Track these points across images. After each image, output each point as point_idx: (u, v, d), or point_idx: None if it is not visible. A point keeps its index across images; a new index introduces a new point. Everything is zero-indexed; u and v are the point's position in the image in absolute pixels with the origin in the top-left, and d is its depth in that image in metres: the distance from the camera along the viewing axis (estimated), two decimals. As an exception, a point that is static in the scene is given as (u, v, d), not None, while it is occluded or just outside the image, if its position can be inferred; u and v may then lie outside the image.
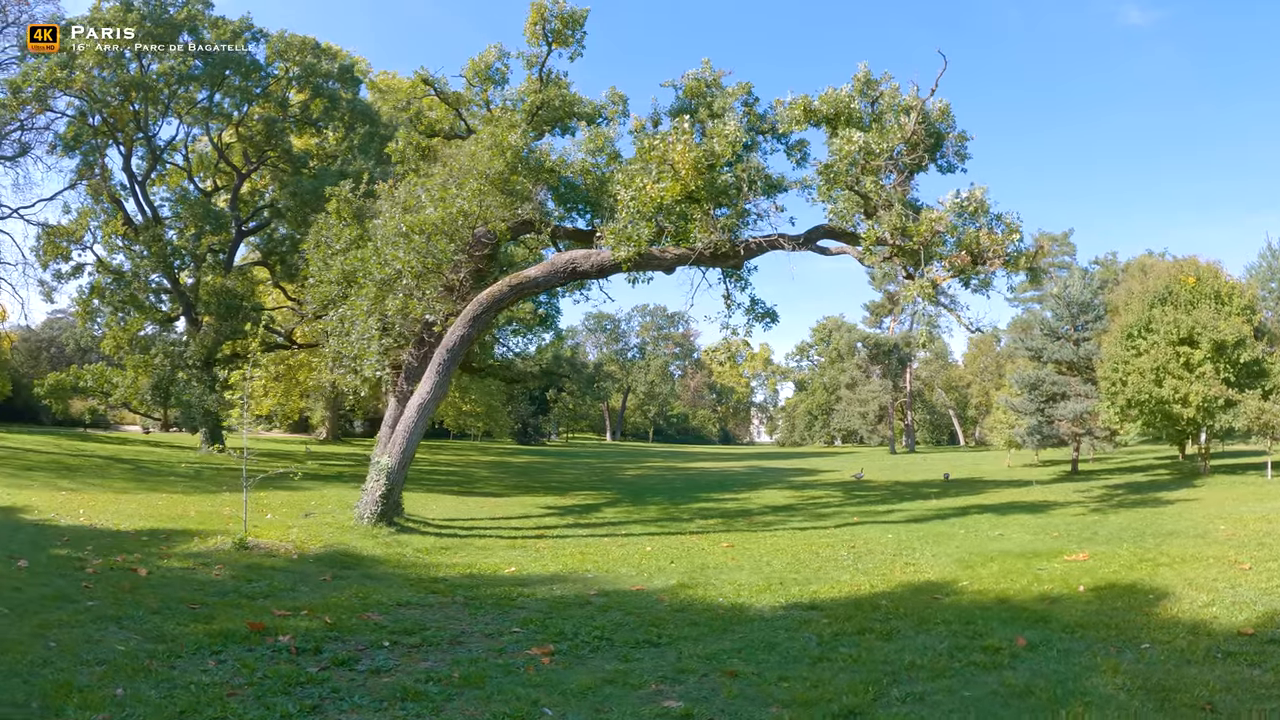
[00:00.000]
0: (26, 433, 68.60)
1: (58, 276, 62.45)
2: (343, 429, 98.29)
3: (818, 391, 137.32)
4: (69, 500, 28.67)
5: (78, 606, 13.03)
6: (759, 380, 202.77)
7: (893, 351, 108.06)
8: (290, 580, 17.26)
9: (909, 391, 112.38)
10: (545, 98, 36.36)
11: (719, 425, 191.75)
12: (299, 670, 10.59)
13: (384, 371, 29.98)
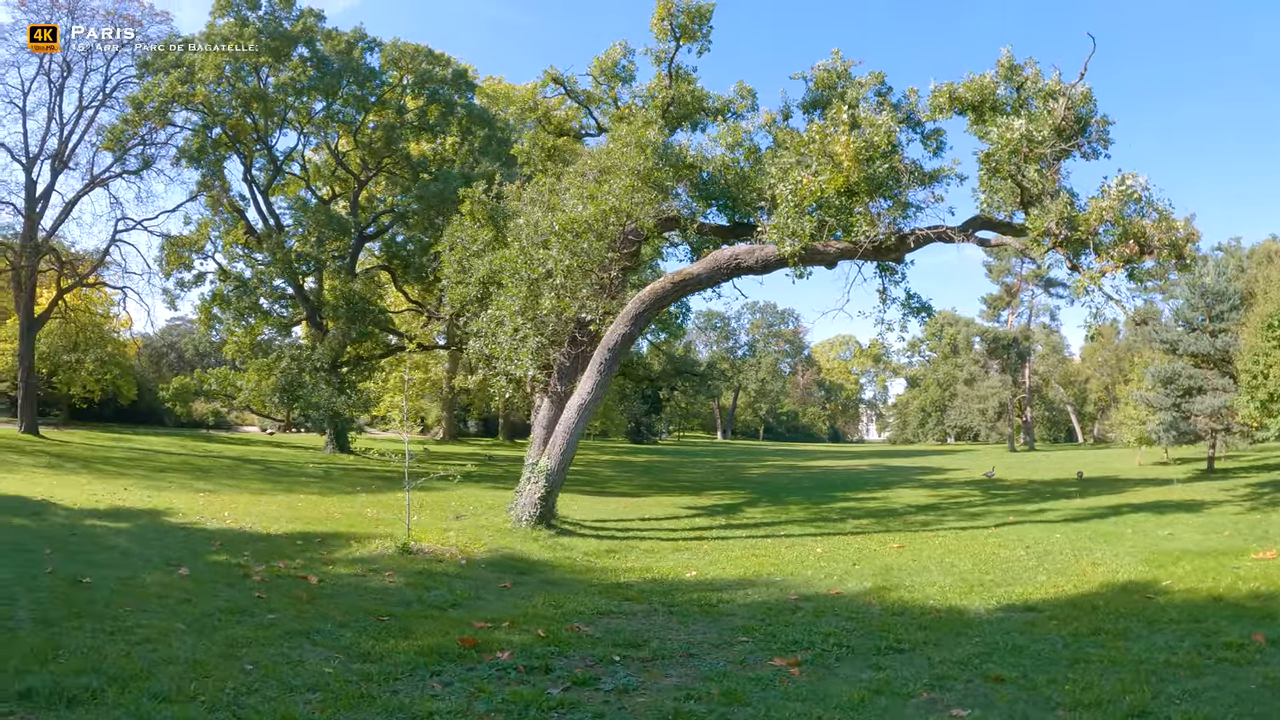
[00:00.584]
0: (152, 434, 69.28)
1: (180, 285, 63.22)
2: (458, 429, 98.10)
3: (931, 388, 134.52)
4: (209, 502, 28.48)
5: (258, 620, 12.52)
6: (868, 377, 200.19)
7: (1011, 346, 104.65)
8: (470, 588, 16.66)
9: (1028, 387, 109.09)
10: (676, 93, 35.27)
11: (828, 423, 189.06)
12: (540, 693, 9.83)
13: (535, 371, 28.88)
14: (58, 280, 63.56)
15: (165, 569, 15.75)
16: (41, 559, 15.75)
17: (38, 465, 38.07)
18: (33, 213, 59.01)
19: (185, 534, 21.12)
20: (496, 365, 29.73)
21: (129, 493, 29.64)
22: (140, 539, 19.67)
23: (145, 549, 18.22)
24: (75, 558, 16.25)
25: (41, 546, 17.05)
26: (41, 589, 13.21)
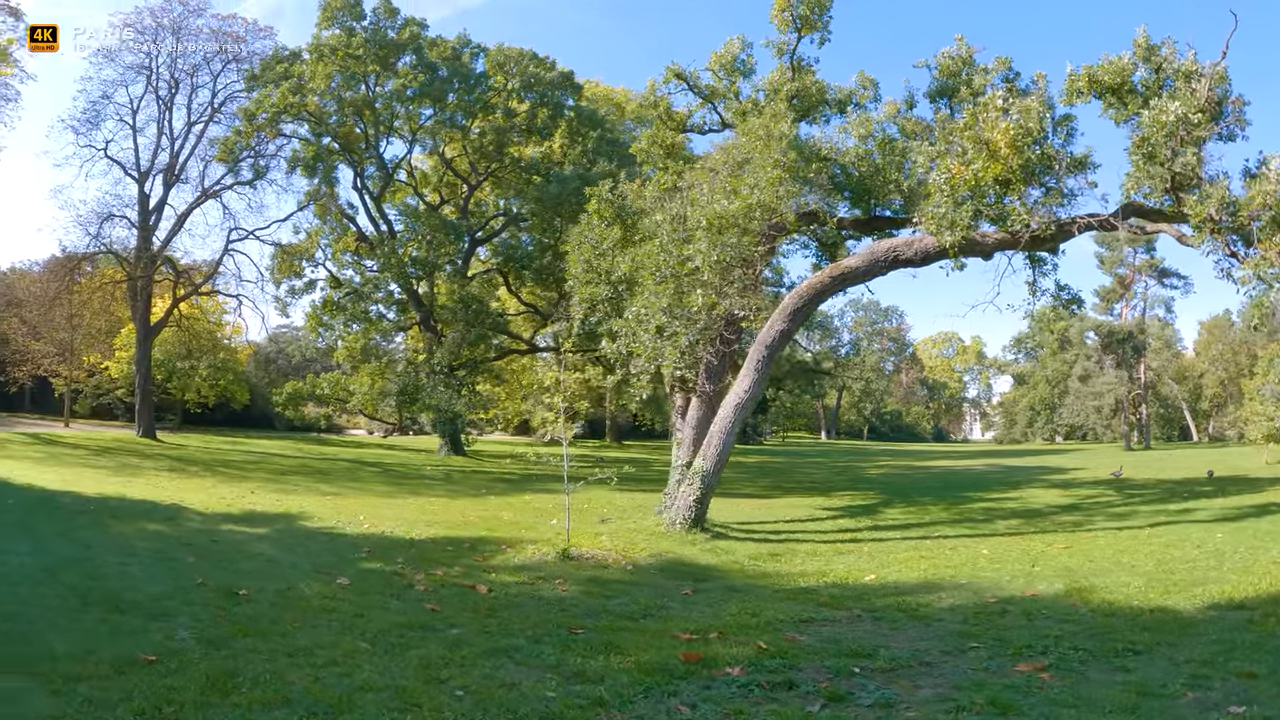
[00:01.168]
0: (265, 438, 69.78)
1: (291, 292, 63.53)
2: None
3: (1040, 385, 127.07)
4: (339, 505, 27.76)
5: (444, 636, 11.54)
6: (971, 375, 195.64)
7: (1126, 340, 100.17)
8: (652, 596, 15.47)
9: (1143, 383, 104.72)
10: (802, 85, 33.75)
11: (932, 422, 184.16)
12: (801, 711, 8.86)
13: (684, 369, 27.51)
14: (174, 289, 64.03)
15: (321, 578, 15.12)
16: (188, 568, 15.09)
17: (160, 469, 37.50)
18: (146, 225, 59.45)
19: (328, 539, 20.42)
20: (637, 364, 28.22)
21: (256, 496, 29.11)
22: (283, 545, 18.98)
23: (291, 556, 17.55)
24: (222, 566, 15.59)
25: (184, 554, 16.44)
26: (197, 603, 12.39)
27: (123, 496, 25.73)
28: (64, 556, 15.14)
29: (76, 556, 15.26)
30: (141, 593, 12.70)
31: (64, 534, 18.01)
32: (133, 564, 15.07)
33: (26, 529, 18.35)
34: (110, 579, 13.62)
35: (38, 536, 17.33)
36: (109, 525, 20.01)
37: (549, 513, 27.72)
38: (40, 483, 27.69)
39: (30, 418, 72.65)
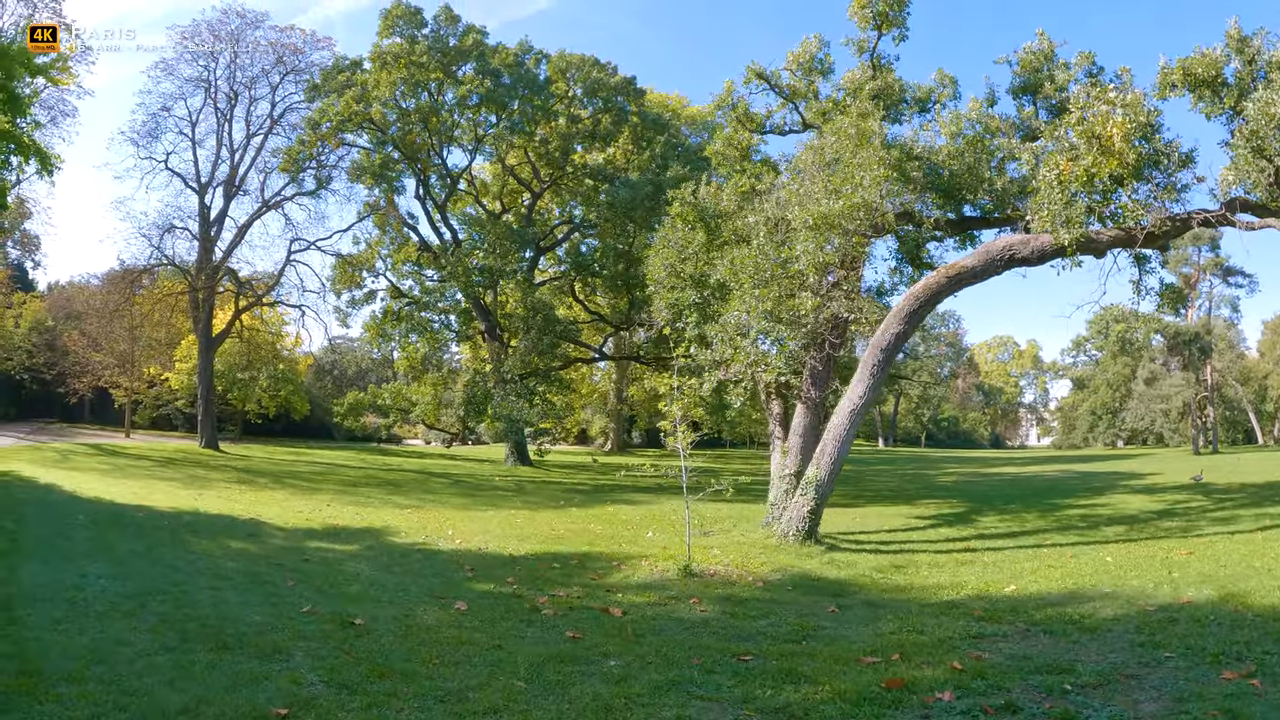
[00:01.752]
0: (325, 448, 69.18)
1: (351, 303, 62.15)
2: (624, 441, 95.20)
3: (1101, 389, 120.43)
4: (422, 519, 26.58)
5: (601, 670, 10.10)
6: (1028, 379, 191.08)
7: (1193, 341, 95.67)
8: (797, 615, 13.94)
9: (1210, 385, 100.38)
10: (884, 83, 32.10)
11: (989, 428, 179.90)
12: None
13: (788, 375, 25.97)
14: (236, 300, 63.51)
15: (436, 603, 13.81)
16: (288, 593, 13.78)
17: (229, 481, 36.50)
18: (207, 237, 59.03)
19: (423, 557, 18.95)
20: (736, 371, 26.79)
21: (333, 509, 27.86)
22: (379, 564, 17.56)
23: (393, 577, 16.14)
24: (324, 590, 14.31)
25: (278, 576, 15.25)
26: (310, 635, 10.98)
27: (197, 511, 24.49)
28: (149, 581, 13.77)
29: (163, 580, 13.88)
30: (244, 624, 11.27)
31: (144, 554, 16.61)
32: (226, 589, 13.77)
33: (104, 548, 16.93)
34: (205, 607, 12.22)
35: (117, 557, 15.93)
36: (190, 543, 18.56)
37: (638, 525, 26.86)
38: (110, 496, 26.50)
39: (90, 428, 72.29)
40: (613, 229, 53.83)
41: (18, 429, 62.81)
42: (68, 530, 18.96)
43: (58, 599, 11.91)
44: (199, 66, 58.10)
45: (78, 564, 14.70)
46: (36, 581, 13.01)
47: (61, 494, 26.73)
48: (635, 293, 51.32)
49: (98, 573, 13.91)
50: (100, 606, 11.62)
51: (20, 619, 10.72)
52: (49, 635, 10.12)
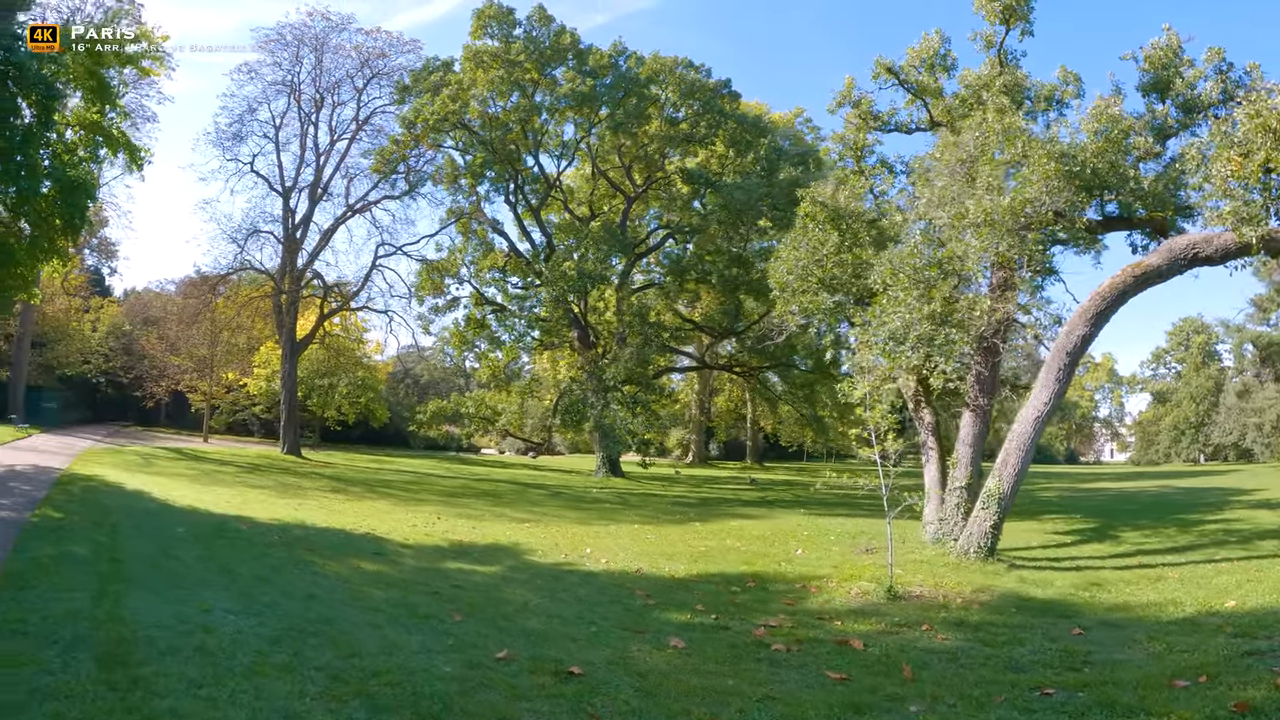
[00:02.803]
0: (405, 456, 67.68)
1: (435, 310, 60.49)
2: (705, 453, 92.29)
3: (1185, 403, 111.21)
4: (547, 535, 24.25)
5: (905, 717, 8.71)
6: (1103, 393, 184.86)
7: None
8: (1046, 639, 12.36)
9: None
10: (1013, 79, 30.30)
11: (1065, 443, 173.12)
12: None
13: (956, 382, 24.11)
14: (321, 305, 61.96)
15: (639, 639, 11.70)
16: (458, 629, 11.53)
17: (322, 489, 34.44)
18: (291, 240, 57.69)
19: (580, 581, 16.54)
20: (878, 375, 25.22)
21: (445, 522, 25.53)
22: (539, 590, 15.21)
23: (565, 606, 13.90)
24: (500, 626, 11.97)
25: (436, 607, 12.94)
26: (529, 692, 8.76)
27: (303, 523, 22.19)
28: (291, 617, 11.15)
29: (308, 616, 11.26)
30: (437, 679, 8.82)
31: (270, 579, 14.00)
32: (386, 625, 11.23)
33: (220, 571, 14.34)
34: (375, 654, 9.59)
35: (240, 584, 13.36)
36: (314, 563, 15.99)
37: (773, 540, 24.48)
38: (204, 505, 24.34)
39: (166, 432, 72.17)
40: (723, 231, 51.04)
41: (94, 432, 61.68)
42: (171, 546, 16.39)
43: (185, 646, 9.19)
44: (282, 70, 56.86)
45: (196, 593, 12.17)
46: (153, 619, 10.27)
47: (153, 502, 24.46)
48: (745, 297, 48.72)
49: (224, 606, 11.36)
50: (244, 657, 8.95)
51: (145, 680, 7.94)
52: (191, 706, 7.37)
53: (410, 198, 58.57)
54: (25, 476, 27.88)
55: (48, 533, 16.44)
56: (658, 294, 57.26)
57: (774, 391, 60.24)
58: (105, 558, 14.38)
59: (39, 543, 15.13)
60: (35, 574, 12.33)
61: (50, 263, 32.65)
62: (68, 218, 28.14)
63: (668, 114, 52.61)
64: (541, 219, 57.31)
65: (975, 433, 25.32)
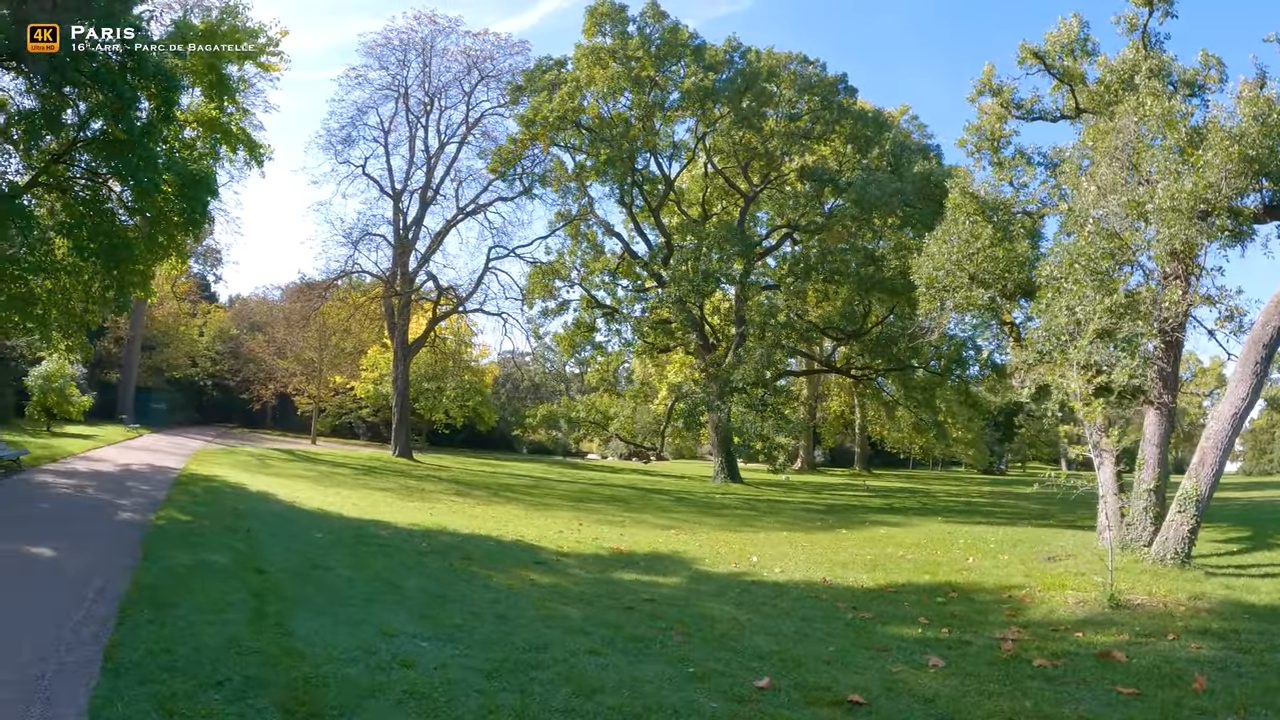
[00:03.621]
0: (513, 460, 67.13)
1: (544, 313, 59.10)
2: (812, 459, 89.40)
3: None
4: (700, 541, 22.45)
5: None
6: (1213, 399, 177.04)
7: None
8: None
9: None
10: (1159, 63, 28.18)
11: (1173, 451, 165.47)
12: None
13: (1140, 379, 22.23)
14: (433, 308, 60.99)
15: (881, 656, 10.51)
16: (687, 653, 9.99)
17: (445, 492, 33.18)
18: (402, 243, 56.95)
19: (769, 591, 15.11)
20: (1068, 377, 22.90)
21: (588, 528, 23.96)
22: (737, 603, 13.83)
23: (771, 621, 12.40)
24: (728, 647, 10.50)
25: (644, 626, 11.34)
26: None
27: (444, 528, 20.84)
28: (492, 643, 9.73)
29: (510, 642, 9.87)
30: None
31: (442, 594, 12.57)
32: (607, 652, 9.77)
33: (385, 586, 12.87)
34: (616, 690, 8.20)
35: (411, 600, 11.95)
36: (479, 574, 14.58)
37: (930, 546, 23.01)
38: (334, 508, 23.30)
39: (272, 434, 72.38)
40: (855, 228, 49.14)
41: (202, 432, 61.99)
42: (315, 554, 15.12)
43: (389, 687, 7.69)
44: (389, 75, 56.57)
45: (368, 612, 10.75)
46: (334, 650, 8.81)
47: (279, 504, 23.40)
48: (879, 297, 47.31)
49: (409, 629, 9.96)
50: (468, 700, 7.48)
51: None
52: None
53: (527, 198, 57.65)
54: (143, 476, 27.22)
55: (178, 538, 15.36)
56: (785, 294, 54.71)
57: (891, 396, 57.44)
58: (247, 567, 13.10)
59: (171, 549, 14.00)
60: (174, 588, 11.07)
61: (168, 260, 31.64)
62: (188, 213, 27.11)
63: (785, 110, 50.41)
64: (660, 219, 55.37)
65: (1161, 432, 23.59)
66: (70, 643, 8.29)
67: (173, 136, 28.48)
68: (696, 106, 49.03)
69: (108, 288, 27.87)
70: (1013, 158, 31.99)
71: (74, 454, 32.44)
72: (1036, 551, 21.84)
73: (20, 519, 16.84)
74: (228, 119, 33.19)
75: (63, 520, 17.08)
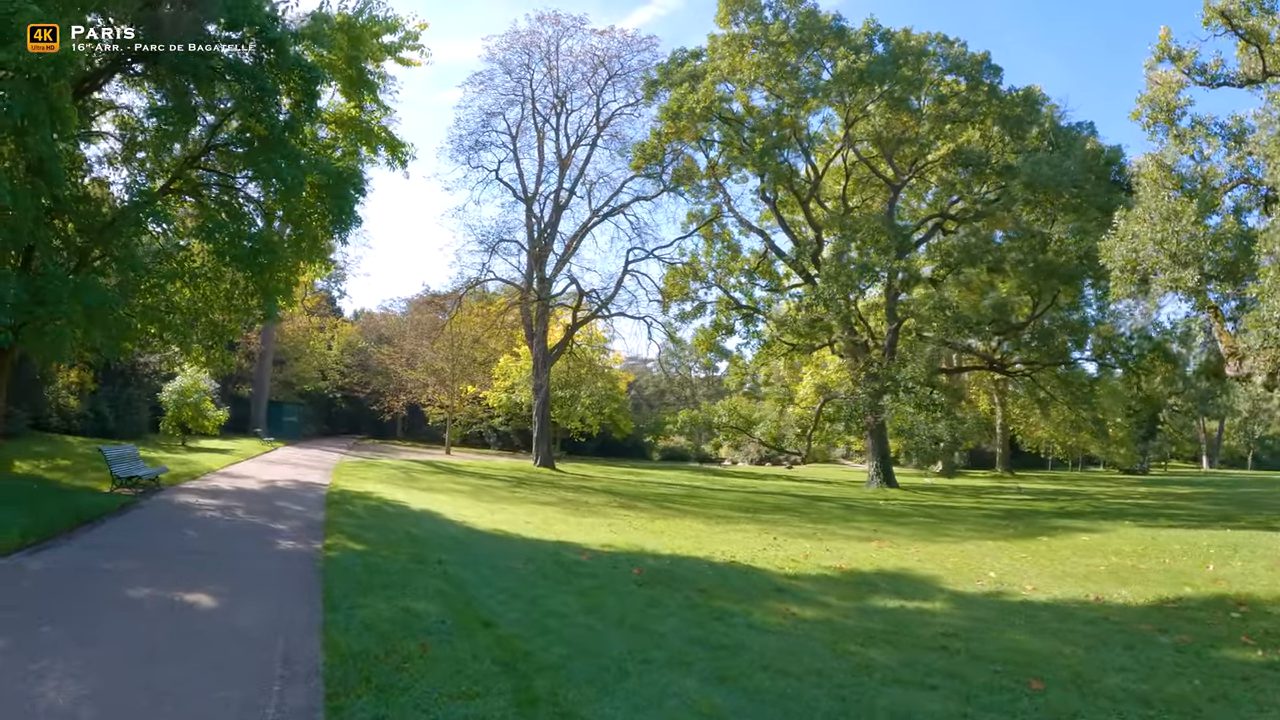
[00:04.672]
0: (651, 468, 65.50)
1: (681, 316, 57.14)
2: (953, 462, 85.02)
3: None
4: (920, 557, 20.06)
5: None
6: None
7: None
8: None
9: None
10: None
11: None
12: None
13: None
14: (574, 312, 59.25)
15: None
16: (1062, 705, 8.35)
17: (610, 505, 31.14)
18: (538, 248, 56.18)
19: (1056, 615, 13.07)
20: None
21: (787, 544, 21.29)
22: (1039, 631, 11.90)
23: (1106, 654, 10.62)
24: (1089, 693, 8.86)
25: (981, 671, 9.47)
26: None
27: (640, 549, 18.78)
28: (846, 715, 7.90)
29: (866, 710, 8.03)
30: None
31: (716, 642, 10.46)
32: (985, 715, 8.07)
33: (643, 634, 10.70)
34: None
35: (686, 655, 9.72)
36: (728, 610, 12.45)
37: (1153, 555, 20.56)
38: (510, 527, 21.41)
39: (403, 444, 72.79)
40: (1025, 212, 45.58)
41: (333, 444, 62.33)
42: (535, 595, 12.76)
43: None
44: (513, 80, 55.83)
45: (653, 679, 8.69)
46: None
47: (452, 525, 21.43)
48: (1046, 285, 44.51)
49: (728, 703, 8.02)
50: None
51: None
52: None
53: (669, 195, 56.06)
54: (291, 494, 25.84)
55: (361, 576, 13.14)
56: (955, 285, 51.33)
57: (1046, 392, 53.47)
58: (469, 619, 10.83)
59: (359, 594, 11.78)
60: (388, 657, 8.84)
61: (313, 265, 29.93)
62: (335, 212, 25.11)
63: (933, 93, 47.44)
64: (810, 212, 52.34)
65: None
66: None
67: (310, 137, 26.78)
68: (850, 90, 45.98)
69: (250, 294, 26.44)
70: (1191, 129, 29.63)
71: (213, 470, 31.35)
72: (1268, 556, 19.47)
73: (168, 552, 14.62)
74: (368, 117, 31.34)
75: (217, 554, 14.92)
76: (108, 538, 15.38)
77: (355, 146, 31.40)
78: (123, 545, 14.76)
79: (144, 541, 15.48)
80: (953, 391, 46.98)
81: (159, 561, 13.58)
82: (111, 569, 12.69)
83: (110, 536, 15.56)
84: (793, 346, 54.37)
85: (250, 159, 23.01)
